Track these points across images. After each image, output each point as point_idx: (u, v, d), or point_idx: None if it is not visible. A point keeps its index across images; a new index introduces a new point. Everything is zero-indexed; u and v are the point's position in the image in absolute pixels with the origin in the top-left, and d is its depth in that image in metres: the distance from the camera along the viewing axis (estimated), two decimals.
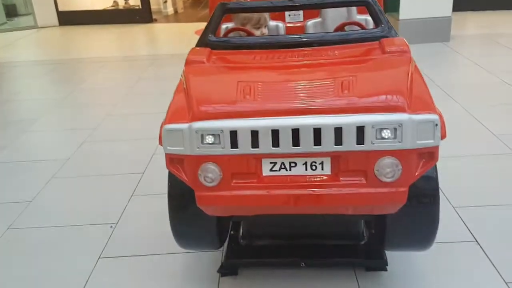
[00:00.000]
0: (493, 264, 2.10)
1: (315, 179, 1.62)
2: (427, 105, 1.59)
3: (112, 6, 9.41)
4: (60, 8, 8.84)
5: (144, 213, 2.66)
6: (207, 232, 1.89)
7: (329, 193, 1.60)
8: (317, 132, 1.54)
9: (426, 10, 5.91)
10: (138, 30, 8.38)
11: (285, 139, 1.55)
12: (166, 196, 1.84)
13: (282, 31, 2.62)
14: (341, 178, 1.60)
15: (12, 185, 3.12)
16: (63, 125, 4.26)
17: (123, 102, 4.62)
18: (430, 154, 1.58)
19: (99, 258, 2.32)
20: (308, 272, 2.10)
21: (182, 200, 1.80)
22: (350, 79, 1.66)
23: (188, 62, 1.95)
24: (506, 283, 1.99)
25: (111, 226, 2.56)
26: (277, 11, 2.46)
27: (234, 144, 1.57)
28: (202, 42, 2.10)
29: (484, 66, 4.95)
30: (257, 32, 2.48)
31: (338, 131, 1.53)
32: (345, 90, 1.61)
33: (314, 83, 1.70)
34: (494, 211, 2.50)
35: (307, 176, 1.62)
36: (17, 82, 5.75)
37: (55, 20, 8.85)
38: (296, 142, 1.55)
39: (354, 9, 2.62)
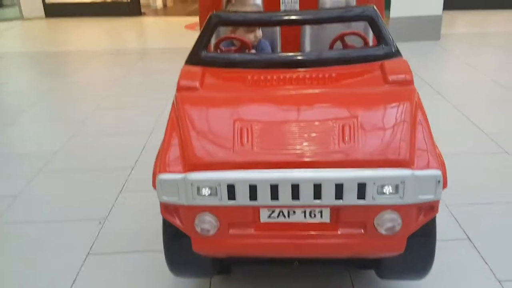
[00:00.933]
0: (485, 262, 2.11)
1: (314, 227, 1.60)
2: (430, 157, 1.55)
3: None
4: (47, 0, 8.69)
5: (134, 209, 2.62)
6: (204, 269, 1.85)
7: (328, 242, 1.59)
8: (317, 186, 1.50)
9: (417, 8, 5.93)
10: (126, 24, 8.27)
11: (285, 193, 1.51)
12: (155, 192, 1.80)
13: (277, 33, 2.55)
14: (340, 228, 1.59)
15: None
16: (51, 117, 4.19)
17: (112, 95, 4.55)
18: (431, 207, 1.57)
19: (88, 254, 2.27)
20: (301, 270, 2.08)
21: (177, 244, 1.74)
22: (351, 123, 1.60)
23: (180, 88, 1.84)
24: (499, 281, 1.99)
25: (100, 222, 2.51)
26: (272, 25, 2.37)
27: (231, 196, 1.53)
28: (194, 59, 1.98)
29: (474, 65, 4.98)
30: (251, 36, 2.39)
31: (339, 186, 1.50)
32: (346, 138, 1.56)
33: (314, 127, 1.62)
34: (487, 209, 2.51)
35: (306, 224, 1.60)
36: (3, 73, 5.63)
37: (41, 12, 8.70)
38: (295, 195, 1.52)
39: (353, 2, 2.58)
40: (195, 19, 2.48)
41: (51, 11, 8.71)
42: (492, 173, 2.87)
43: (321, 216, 1.59)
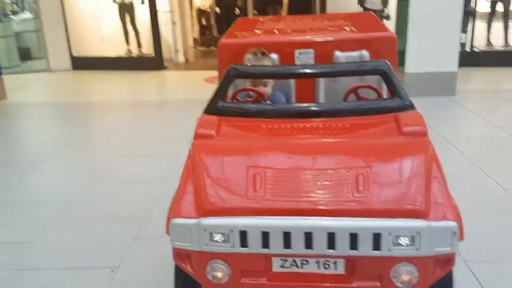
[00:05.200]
0: None
1: (328, 279, 1.57)
2: (446, 210, 1.54)
3: (125, 53, 9.66)
4: (74, 54, 9.08)
5: (147, 257, 2.61)
6: None
7: None
8: (331, 236, 1.49)
9: (432, 64, 6.01)
10: (149, 77, 8.55)
11: (298, 241, 1.50)
12: (169, 239, 1.80)
13: (292, 86, 2.60)
14: (355, 281, 1.55)
15: (15, 224, 3.08)
16: (69, 166, 4.27)
17: (130, 144, 4.64)
18: (447, 260, 1.55)
19: None
20: None
21: (188, 281, 1.72)
22: (366, 172, 1.59)
23: (197, 136, 1.89)
24: None
25: (112, 271, 2.50)
26: (288, 78, 2.41)
27: (244, 243, 1.53)
28: (212, 108, 2.03)
29: (490, 120, 4.97)
30: (266, 89, 2.43)
31: (354, 236, 1.48)
32: (360, 188, 1.54)
33: (328, 175, 1.62)
34: (506, 266, 2.43)
35: (319, 275, 1.57)
36: (26, 122, 5.81)
37: (68, 64, 9.06)
38: (309, 244, 1.50)
39: (367, 55, 2.63)
40: (215, 73, 2.59)
41: (78, 64, 9.06)
42: (511, 230, 2.79)
43: (336, 267, 1.56)
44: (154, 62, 8.94)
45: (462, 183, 3.30)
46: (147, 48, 9.38)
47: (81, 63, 9.02)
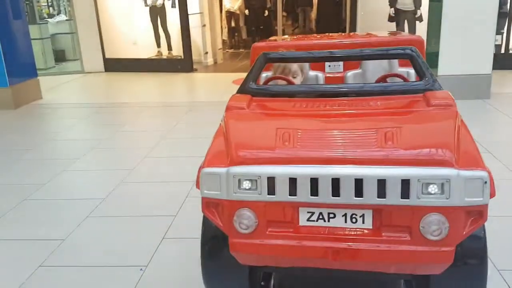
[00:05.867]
0: None
1: (355, 233, 1.54)
2: (476, 161, 1.52)
3: (156, 55, 9.82)
4: (107, 56, 9.28)
5: (175, 257, 2.63)
6: (238, 282, 1.82)
7: (370, 248, 1.52)
8: (358, 183, 1.48)
9: (466, 67, 5.87)
10: (178, 79, 8.66)
11: (325, 189, 1.50)
12: (197, 240, 1.82)
13: (321, 81, 2.62)
14: (383, 233, 1.52)
15: (47, 222, 3.17)
16: (102, 165, 4.36)
17: (160, 145, 4.71)
18: (479, 213, 1.50)
19: None
20: None
21: (215, 246, 1.76)
22: (395, 130, 1.60)
23: (228, 108, 1.96)
24: None
25: (141, 269, 2.54)
26: (317, 61, 2.46)
27: (271, 190, 1.54)
28: (243, 89, 2.12)
29: None
30: (296, 81, 2.49)
31: (382, 183, 1.46)
32: (389, 141, 1.55)
33: (356, 133, 1.65)
34: None
35: (347, 229, 1.55)
36: (60, 122, 5.97)
37: (101, 66, 9.27)
38: (336, 192, 1.49)
39: (395, 61, 2.61)
40: (243, 75, 2.60)
41: (110, 66, 9.26)
42: None
43: (363, 221, 1.53)
44: (184, 64, 9.05)
45: (497, 189, 3.20)
46: (177, 51, 9.51)
47: (114, 65, 9.22)
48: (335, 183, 1.49)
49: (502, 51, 7.66)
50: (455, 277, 1.58)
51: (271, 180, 1.53)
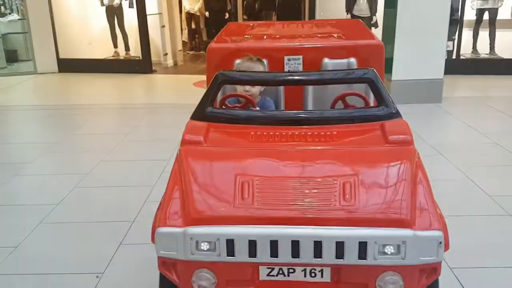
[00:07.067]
0: None
1: (315, 287, 1.57)
2: (432, 219, 1.55)
3: (112, 56, 9.61)
4: (61, 56, 9.00)
5: (132, 263, 2.58)
6: None
7: None
8: (317, 244, 1.49)
9: (419, 72, 6.07)
10: (137, 80, 8.51)
11: (284, 250, 1.50)
12: (154, 245, 1.79)
13: (281, 92, 2.61)
14: None
15: None
16: (55, 170, 4.22)
17: (118, 148, 4.60)
18: (433, 269, 1.56)
19: None
20: None
21: None
22: (352, 181, 1.60)
23: (184, 142, 1.88)
24: None
25: (97, 276, 2.47)
26: (276, 85, 2.44)
27: (230, 252, 1.52)
28: (200, 114, 2.03)
29: (476, 127, 5.03)
30: (254, 90, 2.45)
31: (340, 244, 1.49)
32: (347, 196, 1.56)
33: (316, 183, 1.63)
34: (491, 272, 2.45)
35: (306, 283, 1.57)
36: (12, 125, 5.74)
37: (55, 67, 8.98)
38: (295, 253, 1.51)
39: (354, 65, 2.66)
40: (204, 77, 2.58)
41: (65, 67, 8.98)
42: (497, 236, 2.82)
43: (322, 275, 1.56)
44: (142, 65, 8.90)
45: (448, 190, 3.33)
46: (135, 51, 9.34)
47: (68, 66, 8.95)
48: (295, 244, 1.50)
49: (454, 56, 7.97)
50: None
51: (230, 242, 1.51)
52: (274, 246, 1.50)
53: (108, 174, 3.93)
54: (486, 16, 8.33)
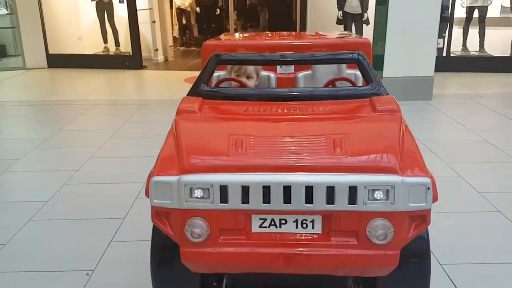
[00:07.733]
0: None
1: (306, 238, 1.59)
2: (419, 167, 1.59)
3: (102, 51, 9.54)
4: (50, 51, 8.91)
5: (123, 261, 2.57)
6: (190, 284, 1.80)
7: (320, 253, 1.57)
8: (309, 190, 1.52)
9: (409, 69, 6.11)
10: (127, 76, 8.46)
11: (277, 196, 1.53)
12: (146, 242, 1.78)
13: (273, 82, 2.66)
14: (332, 238, 1.58)
15: None
16: (45, 166, 4.18)
17: (108, 145, 4.57)
18: (422, 217, 1.58)
19: None
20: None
21: (166, 256, 1.73)
22: (342, 136, 1.66)
23: (179, 111, 1.93)
24: None
25: (87, 274, 2.45)
26: (269, 64, 2.50)
27: (223, 199, 1.54)
28: (194, 91, 2.09)
29: (466, 124, 5.08)
30: (249, 83, 2.51)
31: (330, 190, 1.52)
32: (337, 147, 1.60)
33: (306, 139, 1.69)
34: (481, 268, 2.47)
35: (298, 234, 1.59)
36: (0, 122, 5.67)
37: (44, 62, 8.90)
38: (287, 199, 1.53)
39: (344, 64, 2.69)
40: (195, 73, 2.58)
41: (54, 62, 8.91)
42: (485, 233, 2.85)
43: (313, 226, 1.58)
44: (132, 61, 8.85)
45: (438, 186, 3.35)
46: (125, 47, 9.29)
47: (57, 61, 8.88)
48: (287, 190, 1.52)
49: (444, 54, 8.03)
50: (400, 278, 1.65)
51: (223, 189, 1.53)
52: (266, 192, 1.52)
53: (98, 171, 3.90)
54: (476, 14, 8.40)
